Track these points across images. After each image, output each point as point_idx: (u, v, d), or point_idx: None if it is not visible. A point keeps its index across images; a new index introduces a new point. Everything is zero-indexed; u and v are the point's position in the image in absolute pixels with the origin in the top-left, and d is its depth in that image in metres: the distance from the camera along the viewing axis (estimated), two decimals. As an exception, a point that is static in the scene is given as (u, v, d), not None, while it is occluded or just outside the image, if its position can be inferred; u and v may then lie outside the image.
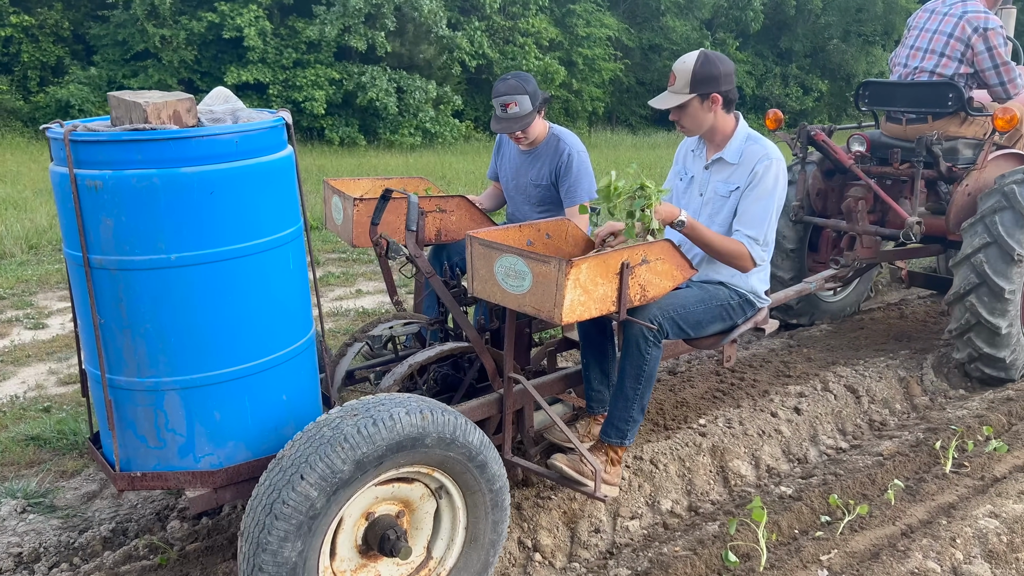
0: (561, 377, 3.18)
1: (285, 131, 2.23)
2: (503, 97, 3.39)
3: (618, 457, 2.84)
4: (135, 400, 2.06)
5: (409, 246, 2.92)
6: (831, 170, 4.69)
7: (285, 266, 2.18)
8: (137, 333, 1.96)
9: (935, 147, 4.14)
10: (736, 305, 3.01)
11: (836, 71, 22.19)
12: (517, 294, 2.31)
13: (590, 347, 3.09)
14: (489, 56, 16.01)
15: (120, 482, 2.16)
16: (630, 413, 2.74)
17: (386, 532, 2.11)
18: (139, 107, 1.77)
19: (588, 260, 2.18)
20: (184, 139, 1.80)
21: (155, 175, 1.81)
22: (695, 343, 3.08)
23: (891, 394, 4.13)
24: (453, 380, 3.13)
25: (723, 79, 2.80)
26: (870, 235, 4.40)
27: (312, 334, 2.42)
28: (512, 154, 3.72)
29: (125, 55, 14.25)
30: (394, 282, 3.39)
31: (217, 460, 2.14)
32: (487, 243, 2.39)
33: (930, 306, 5.54)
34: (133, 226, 1.85)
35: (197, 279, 1.92)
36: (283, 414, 2.24)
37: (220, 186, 1.89)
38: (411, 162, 12.77)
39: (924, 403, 4.12)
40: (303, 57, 14.49)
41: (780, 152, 2.89)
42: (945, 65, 4.30)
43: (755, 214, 2.81)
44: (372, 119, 15.06)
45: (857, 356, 4.55)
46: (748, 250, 2.80)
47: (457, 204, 3.48)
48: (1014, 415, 3.88)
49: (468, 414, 2.81)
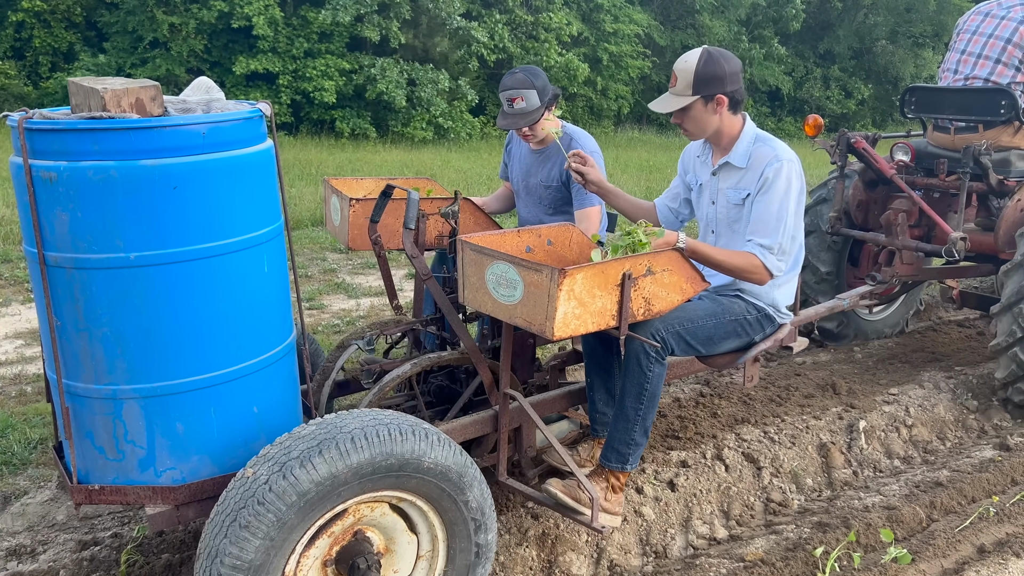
0: (564, 394, 3.11)
1: (263, 123, 2.18)
2: (509, 91, 3.34)
3: (620, 484, 2.75)
4: (92, 408, 2.02)
5: (407, 246, 2.86)
6: (873, 180, 4.58)
7: (259, 269, 2.13)
8: (94, 337, 1.92)
9: (983, 158, 4.01)
10: (754, 320, 2.91)
11: (882, 74, 21.88)
12: (508, 304, 2.24)
13: (594, 365, 3.01)
14: (510, 50, 15.99)
15: (77, 495, 2.12)
16: (631, 436, 2.66)
17: (355, 561, 2.04)
18: (97, 94, 1.73)
19: (584, 269, 2.10)
20: (144, 129, 1.76)
21: (113, 167, 1.77)
22: (708, 361, 2.99)
23: (803, 465, 3.51)
24: (450, 392, 3.07)
25: (728, 79, 2.71)
26: (910, 250, 4.27)
27: (290, 342, 2.37)
28: (522, 154, 3.66)
29: (135, 43, 14.45)
30: (394, 285, 3.34)
31: (180, 475, 2.09)
32: (478, 248, 2.32)
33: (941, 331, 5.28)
34: (90, 222, 1.81)
35: (158, 280, 1.88)
36: (253, 427, 2.19)
37: (185, 180, 1.85)
38: (419, 159, 12.74)
39: (844, 478, 3.51)
40: (314, 47, 14.58)
41: (792, 153, 2.80)
42: (1001, 73, 4.18)
43: (767, 221, 2.72)
44: (384, 112, 15.11)
45: (782, 409, 3.88)
46: (761, 260, 2.71)
47: (461, 207, 3.42)
48: (937, 507, 3.22)
49: (461, 431, 2.75)
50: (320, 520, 1.99)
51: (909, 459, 3.75)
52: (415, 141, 14.80)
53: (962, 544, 2.94)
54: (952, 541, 2.94)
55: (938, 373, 4.41)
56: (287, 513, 1.84)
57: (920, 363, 4.63)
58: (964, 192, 4.05)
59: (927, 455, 3.80)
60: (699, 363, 3.15)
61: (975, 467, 3.59)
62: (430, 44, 15.28)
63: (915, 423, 3.92)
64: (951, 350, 4.88)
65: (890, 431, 3.83)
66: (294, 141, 13.78)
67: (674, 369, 3.25)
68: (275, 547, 1.86)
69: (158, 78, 13.58)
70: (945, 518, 3.15)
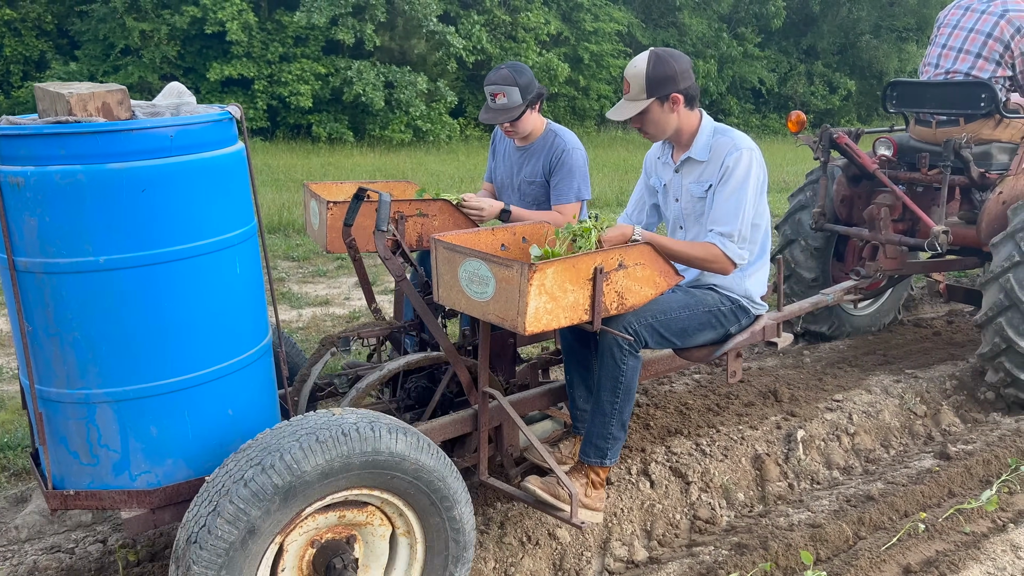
0: (545, 392, 3.16)
1: (233, 126, 2.23)
2: (492, 87, 3.41)
3: (600, 479, 2.80)
4: (66, 413, 2.06)
5: (378, 248, 2.91)
6: (857, 176, 4.65)
7: (231, 271, 2.17)
8: (66, 341, 1.96)
9: (964, 151, 4.06)
10: (728, 311, 2.98)
11: (866, 69, 22.13)
12: (481, 301, 2.29)
13: (573, 361, 3.07)
14: (488, 51, 16.07)
15: (52, 501, 2.15)
16: (608, 430, 2.71)
17: (332, 561, 2.08)
18: (63, 98, 1.77)
19: (554, 264, 2.16)
20: (111, 133, 1.80)
21: (80, 171, 1.81)
22: (685, 355, 3.05)
23: (736, 479, 3.37)
24: (430, 394, 3.11)
25: (680, 77, 2.79)
26: (894, 245, 4.34)
27: (266, 344, 2.41)
28: (507, 151, 3.73)
29: (107, 51, 14.43)
30: (371, 288, 3.38)
31: (155, 479, 2.12)
32: (450, 246, 2.38)
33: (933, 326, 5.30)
34: (58, 226, 1.85)
35: (128, 284, 1.92)
36: (229, 430, 2.23)
37: (153, 183, 1.89)
38: (393, 162, 12.78)
39: (778, 492, 3.38)
40: (290, 51, 14.63)
41: (752, 142, 2.88)
42: (981, 67, 4.23)
43: (727, 209, 2.79)
44: (361, 115, 15.16)
45: (719, 419, 3.75)
46: (721, 249, 2.77)
47: (440, 208, 3.47)
48: (866, 524, 3.06)
49: (440, 431, 2.80)
50: (291, 520, 2.02)
51: (849, 469, 3.63)
52: (393, 144, 14.85)
53: (887, 564, 2.80)
54: (876, 561, 2.81)
55: (887, 377, 4.30)
56: (253, 518, 1.89)
57: (870, 366, 4.52)
58: (946, 186, 4.10)
59: (869, 464, 3.68)
60: (679, 360, 3.21)
61: (911, 478, 3.44)
62: (407, 46, 15.35)
63: (858, 431, 3.80)
64: (904, 352, 4.81)
65: (831, 440, 3.71)
66: (269, 146, 13.79)
67: (654, 366, 3.31)
68: (244, 550, 1.91)
69: (131, 85, 13.56)
70: (873, 535, 3.01)
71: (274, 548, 2.03)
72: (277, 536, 2.00)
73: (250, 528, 1.88)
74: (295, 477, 1.91)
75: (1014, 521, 3.12)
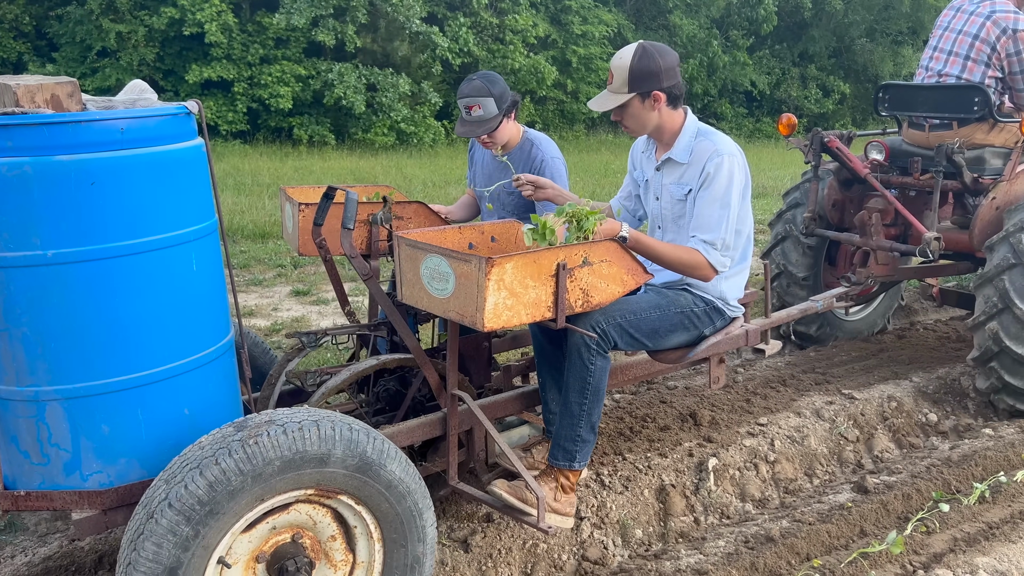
0: (518, 396, 3.18)
1: (191, 122, 2.25)
2: (466, 99, 3.43)
3: (570, 484, 2.82)
4: (16, 411, 2.07)
5: (344, 246, 2.93)
6: (848, 180, 4.69)
7: (187, 267, 2.19)
8: (14, 337, 1.97)
9: (956, 156, 4.09)
10: (701, 313, 3.01)
11: (861, 72, 22.35)
12: (442, 298, 2.32)
13: (545, 363, 3.09)
14: (475, 54, 16.15)
15: (4, 501, 2.15)
16: (577, 431, 2.73)
17: (284, 564, 2.10)
18: (10, 90, 1.79)
19: (513, 259, 2.19)
20: (57, 124, 1.83)
21: (27, 163, 1.83)
22: (658, 357, 3.07)
23: (635, 513, 3.18)
24: (401, 397, 3.13)
25: (664, 74, 2.81)
26: (885, 251, 4.36)
27: (227, 343, 2.43)
28: (484, 160, 3.76)
29: (85, 53, 14.43)
30: (344, 290, 3.40)
31: (107, 479, 2.14)
32: (412, 243, 2.40)
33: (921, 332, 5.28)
34: (6, 219, 1.87)
35: (77, 279, 1.94)
36: (184, 429, 2.24)
37: (103, 177, 1.91)
38: (376, 165, 12.78)
39: (681, 528, 3.20)
40: (270, 53, 14.66)
41: (735, 146, 2.90)
42: (971, 70, 4.27)
43: (709, 216, 2.82)
44: (344, 118, 15.20)
45: (628, 445, 3.55)
46: (705, 257, 2.81)
47: (415, 211, 3.49)
48: (760, 570, 2.82)
49: (407, 434, 2.81)
50: (239, 521, 2.03)
51: (764, 502, 3.43)
52: (375, 147, 14.87)
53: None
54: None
55: (821, 398, 4.12)
56: (196, 519, 1.91)
57: (806, 386, 4.32)
58: (938, 191, 4.12)
59: (788, 496, 3.49)
60: (657, 364, 3.24)
61: (821, 516, 3.20)
62: (390, 48, 15.40)
63: (779, 458, 3.61)
64: (845, 371, 4.61)
65: (748, 469, 3.51)
66: (248, 149, 13.78)
67: (632, 371, 3.34)
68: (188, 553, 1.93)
69: (108, 88, 13.55)
70: (765, 583, 2.79)
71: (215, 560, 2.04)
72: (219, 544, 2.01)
73: (183, 544, 1.91)
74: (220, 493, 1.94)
75: (926, 567, 2.81)
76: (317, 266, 6.66)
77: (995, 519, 3.14)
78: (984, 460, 3.60)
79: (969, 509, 3.22)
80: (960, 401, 4.33)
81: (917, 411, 4.18)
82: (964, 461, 3.63)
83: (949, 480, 3.45)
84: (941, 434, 4.09)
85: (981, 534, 3.03)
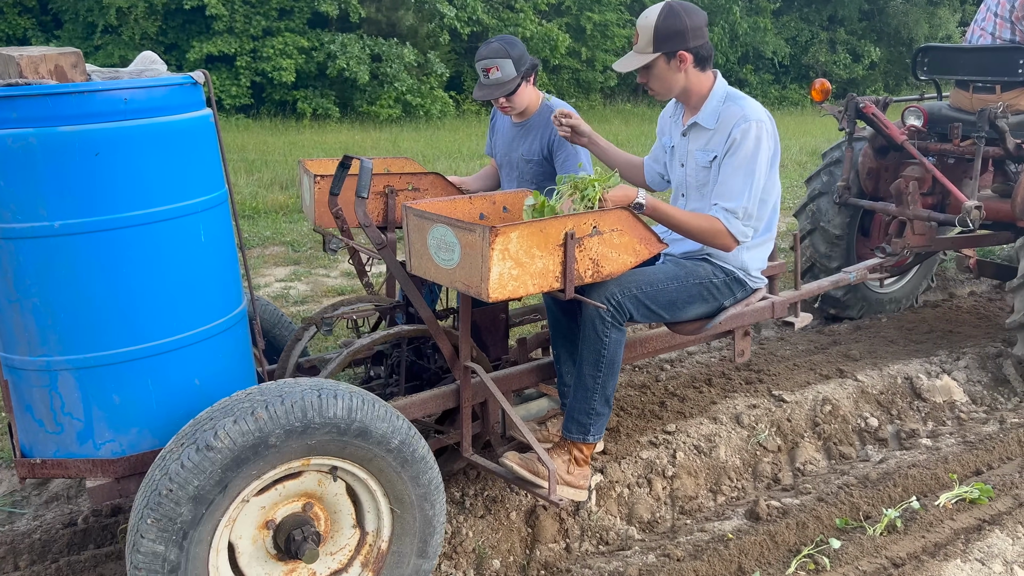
0: (534, 368, 3.19)
1: (198, 92, 2.28)
2: (484, 61, 3.43)
3: (584, 456, 2.83)
4: (29, 381, 2.13)
5: (359, 215, 2.95)
6: (884, 147, 4.60)
7: (194, 238, 2.23)
8: (25, 308, 2.02)
9: (1000, 121, 3.99)
10: (721, 284, 2.98)
11: (893, 35, 21.68)
12: (448, 268, 2.33)
13: (560, 336, 3.09)
14: (484, 22, 15.91)
15: (21, 469, 2.23)
16: (591, 404, 2.74)
17: (291, 534, 2.15)
18: (14, 61, 1.83)
19: (518, 227, 2.19)
20: (61, 95, 1.86)
21: (32, 134, 1.87)
22: (676, 329, 3.06)
23: (496, 540, 2.88)
24: (419, 369, 3.16)
25: (691, 34, 2.76)
26: (922, 220, 4.28)
27: (239, 314, 2.47)
28: (505, 127, 3.76)
29: (89, 29, 14.46)
30: (363, 262, 3.43)
31: (119, 447, 2.19)
32: (420, 213, 2.42)
33: None
34: (13, 191, 1.91)
35: (84, 249, 1.98)
36: (195, 399, 2.28)
37: (107, 147, 1.94)
38: (387, 138, 12.62)
39: (547, 558, 2.87)
40: (273, 25, 14.48)
41: (764, 112, 2.84)
42: (1001, 27, 4.19)
43: (733, 185, 2.77)
44: (349, 90, 15.03)
45: None
46: (725, 226, 2.77)
47: (432, 182, 3.51)
48: None
49: (420, 406, 2.84)
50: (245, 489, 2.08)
51: (653, 524, 3.06)
52: (380, 120, 14.67)
53: None
54: None
55: (746, 400, 3.73)
56: (203, 486, 1.95)
57: (734, 387, 3.92)
58: (979, 158, 4.04)
59: (683, 517, 3.14)
60: (677, 337, 3.22)
61: (694, 550, 2.82)
62: (395, 18, 15.16)
63: (679, 473, 3.24)
64: (783, 369, 4.15)
65: (639, 486, 3.14)
66: (251, 123, 13.73)
67: (652, 343, 3.32)
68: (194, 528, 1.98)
69: (112, 65, 13.55)
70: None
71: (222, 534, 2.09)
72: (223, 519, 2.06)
73: (184, 520, 1.96)
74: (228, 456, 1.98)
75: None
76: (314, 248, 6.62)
77: (901, 554, 2.76)
78: (906, 480, 3.21)
79: (872, 541, 2.82)
80: (912, 403, 3.95)
81: (856, 415, 3.77)
82: (883, 480, 3.24)
83: (859, 504, 3.07)
84: (880, 441, 3.68)
85: (881, 574, 2.68)
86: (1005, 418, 3.88)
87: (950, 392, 4.06)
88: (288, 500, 2.21)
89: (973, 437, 3.67)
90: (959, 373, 4.19)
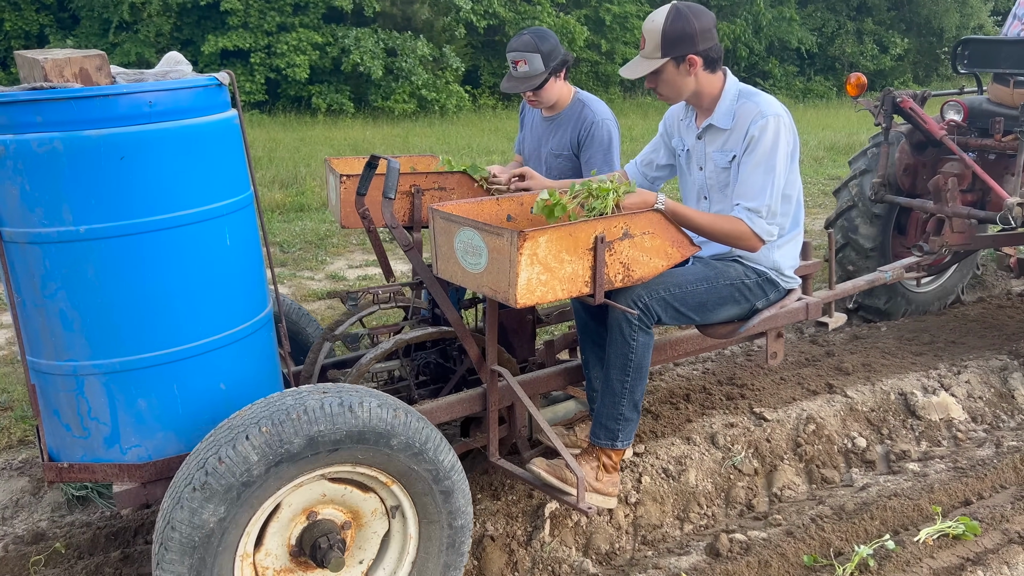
0: (561, 372, 3.15)
1: (223, 93, 2.27)
2: (513, 54, 3.42)
3: (612, 463, 2.79)
4: (56, 385, 2.13)
5: (385, 216, 2.93)
6: (922, 143, 4.53)
7: (220, 242, 2.21)
8: (51, 312, 2.02)
9: None
10: (753, 285, 2.92)
11: (923, 26, 21.24)
12: (475, 273, 2.30)
13: (588, 340, 3.05)
14: (501, 15, 15.77)
15: (49, 473, 2.23)
16: (619, 410, 2.70)
17: (319, 539, 2.13)
18: (38, 64, 1.82)
19: (548, 232, 2.15)
20: (86, 98, 1.85)
21: (57, 138, 1.86)
22: (707, 331, 3.01)
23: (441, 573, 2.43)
24: (443, 371, 3.14)
25: (700, 37, 2.70)
26: (962, 218, 4.22)
27: (264, 318, 2.46)
28: (535, 122, 3.73)
29: (105, 26, 14.54)
30: (388, 261, 3.41)
31: (145, 452, 2.19)
32: (447, 216, 2.39)
33: None
34: (38, 195, 1.90)
35: (109, 254, 1.97)
36: (221, 404, 2.28)
37: (132, 151, 1.93)
38: (399, 133, 12.52)
39: None
40: (287, 20, 14.45)
41: (780, 107, 2.78)
42: None
43: (753, 183, 2.72)
44: (364, 85, 14.96)
45: None
46: (749, 226, 2.71)
47: (458, 181, 3.47)
48: None
49: (447, 410, 2.82)
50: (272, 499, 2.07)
51: (611, 556, 2.89)
52: (395, 115, 14.58)
53: None
54: None
55: (723, 418, 3.50)
56: (228, 495, 1.95)
57: (713, 403, 3.70)
58: (1022, 153, 3.98)
59: (643, 548, 2.95)
60: (707, 341, 3.16)
61: None
62: (410, 11, 15.05)
63: (643, 499, 3.06)
64: (767, 384, 3.92)
65: (598, 514, 2.98)
66: (265, 119, 13.71)
67: (682, 346, 3.27)
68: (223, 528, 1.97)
69: (129, 63, 13.68)
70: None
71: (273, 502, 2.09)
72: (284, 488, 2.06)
73: (209, 528, 1.95)
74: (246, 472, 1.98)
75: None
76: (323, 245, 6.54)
77: (871, 601, 2.54)
78: (884, 512, 2.98)
79: (840, 585, 2.58)
80: (905, 421, 3.70)
81: (842, 435, 3.53)
82: (860, 511, 3.00)
83: (831, 539, 2.85)
84: (867, 464, 3.45)
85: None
86: (1002, 441, 3.63)
87: (947, 409, 3.78)
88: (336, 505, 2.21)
89: (965, 462, 3.44)
90: (959, 388, 3.91)
